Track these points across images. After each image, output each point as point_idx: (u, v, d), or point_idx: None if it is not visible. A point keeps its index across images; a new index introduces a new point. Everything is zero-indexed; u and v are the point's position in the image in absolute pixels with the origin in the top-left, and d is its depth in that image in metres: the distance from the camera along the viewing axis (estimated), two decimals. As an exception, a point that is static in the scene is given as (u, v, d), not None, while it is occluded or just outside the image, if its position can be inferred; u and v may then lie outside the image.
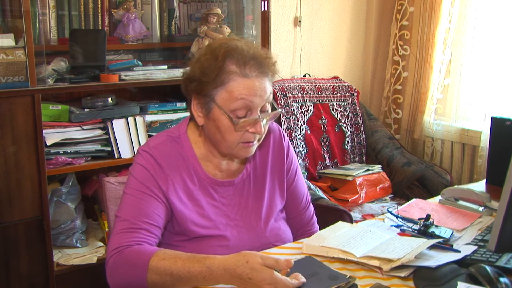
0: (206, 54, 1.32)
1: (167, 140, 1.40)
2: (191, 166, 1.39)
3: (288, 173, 1.54)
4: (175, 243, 1.37)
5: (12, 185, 2.08)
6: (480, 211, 1.65)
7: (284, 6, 3.18)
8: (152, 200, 1.31)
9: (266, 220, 1.45)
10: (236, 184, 1.44)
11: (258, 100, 1.29)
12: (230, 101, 1.28)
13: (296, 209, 1.57)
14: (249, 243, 1.39)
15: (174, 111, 2.54)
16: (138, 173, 1.34)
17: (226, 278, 1.11)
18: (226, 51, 1.29)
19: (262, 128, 1.31)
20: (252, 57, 1.29)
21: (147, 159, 1.35)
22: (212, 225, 1.37)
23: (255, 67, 1.29)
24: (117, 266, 1.21)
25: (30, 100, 2.07)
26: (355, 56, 3.57)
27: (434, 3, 3.11)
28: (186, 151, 1.40)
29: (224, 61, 1.28)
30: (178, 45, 2.81)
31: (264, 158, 1.49)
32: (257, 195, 1.46)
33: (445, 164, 3.17)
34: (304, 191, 1.60)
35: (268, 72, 1.33)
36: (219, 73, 1.28)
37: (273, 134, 1.52)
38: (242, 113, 1.29)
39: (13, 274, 2.13)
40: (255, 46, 1.35)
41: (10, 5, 2.13)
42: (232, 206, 1.42)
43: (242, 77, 1.28)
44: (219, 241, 1.36)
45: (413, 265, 1.22)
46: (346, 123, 3.17)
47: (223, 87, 1.28)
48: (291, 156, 1.55)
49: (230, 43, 1.31)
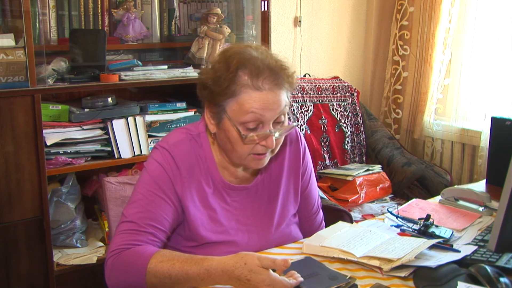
0: (220, 62, 1.26)
1: (186, 138, 1.35)
2: (208, 169, 1.35)
3: (304, 176, 1.49)
4: (183, 248, 1.33)
5: (12, 185, 2.08)
6: (480, 211, 1.65)
7: (284, 6, 3.18)
8: (163, 203, 1.27)
9: (278, 225, 1.42)
10: (250, 188, 1.40)
11: (270, 114, 1.23)
12: (241, 114, 1.22)
13: (308, 213, 1.54)
14: (259, 248, 1.36)
15: (174, 111, 2.53)
16: (153, 170, 1.30)
17: (225, 280, 1.11)
18: (239, 61, 1.22)
19: (273, 142, 1.25)
20: (267, 68, 1.22)
21: (165, 157, 1.30)
22: (223, 230, 1.34)
23: (269, 79, 1.22)
24: (116, 267, 1.20)
25: (30, 100, 2.06)
26: (355, 56, 3.57)
27: (434, 3, 3.11)
28: (204, 152, 1.35)
29: (236, 72, 1.22)
30: (178, 45, 2.81)
31: (280, 161, 1.44)
32: (271, 199, 1.42)
33: (445, 164, 3.17)
34: (316, 195, 1.56)
35: (284, 84, 1.25)
36: (231, 84, 1.22)
37: (290, 136, 1.46)
38: (252, 125, 1.23)
39: (13, 274, 2.13)
40: (272, 55, 1.27)
41: (10, 5, 2.12)
42: (243, 210, 1.38)
43: (254, 89, 1.21)
44: (229, 247, 1.33)
45: (413, 265, 1.22)
46: (346, 123, 3.17)
47: (234, 98, 1.22)
48: (307, 159, 1.51)
49: (245, 52, 1.25)
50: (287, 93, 1.28)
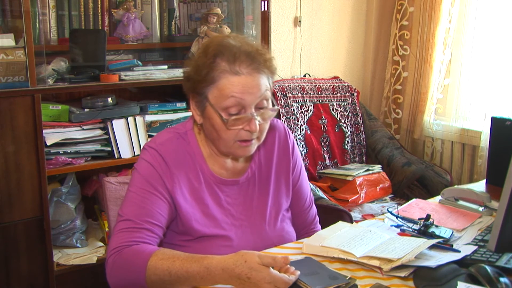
0: (199, 52, 1.32)
1: (174, 136, 1.38)
2: (197, 164, 1.38)
3: (294, 171, 1.52)
4: (178, 242, 1.36)
5: (12, 185, 2.08)
6: (480, 211, 1.65)
7: (284, 6, 3.18)
8: (156, 199, 1.29)
9: (271, 220, 1.44)
10: (241, 183, 1.42)
11: (250, 98, 1.26)
12: (222, 99, 1.26)
13: (300, 208, 1.56)
14: (253, 243, 1.38)
15: (174, 111, 2.53)
16: (143, 170, 1.33)
17: (225, 278, 1.11)
18: (216, 49, 1.27)
19: (256, 126, 1.27)
20: (244, 53, 1.26)
21: (153, 155, 1.33)
22: (217, 224, 1.36)
23: (246, 63, 1.26)
24: (116, 265, 1.21)
25: (30, 100, 2.06)
26: (355, 56, 3.57)
27: (434, 3, 3.11)
28: (192, 148, 1.38)
29: (214, 59, 1.26)
30: (178, 45, 2.81)
31: (269, 156, 1.48)
32: (262, 194, 1.45)
33: (445, 164, 3.17)
34: (308, 190, 1.59)
35: (262, 68, 1.28)
36: (210, 71, 1.27)
37: (278, 132, 1.50)
38: (234, 110, 1.26)
39: (13, 274, 2.13)
40: (249, 42, 1.32)
41: (10, 5, 2.13)
42: (237, 206, 1.41)
43: (232, 74, 1.25)
44: (223, 241, 1.35)
45: (413, 265, 1.22)
46: (346, 123, 3.17)
47: (214, 85, 1.27)
48: (296, 154, 1.53)
49: (223, 41, 1.29)
50: (267, 78, 1.31)
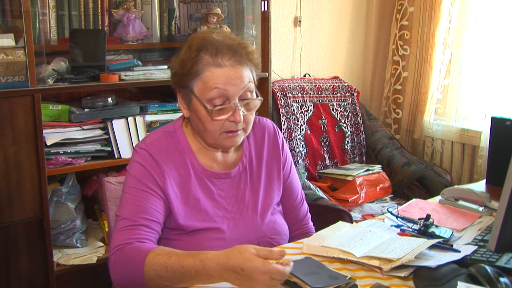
0: (184, 47, 1.37)
1: (163, 135, 1.42)
2: (187, 159, 1.41)
3: (285, 166, 1.56)
4: (172, 236, 1.39)
5: (12, 185, 2.08)
6: (480, 211, 1.65)
7: (284, 6, 3.18)
8: (150, 197, 1.33)
9: (262, 213, 1.46)
10: (232, 176, 1.46)
11: (233, 89, 1.31)
12: (206, 91, 1.31)
13: (292, 203, 1.59)
14: (246, 235, 1.41)
15: (174, 111, 2.53)
16: (135, 170, 1.36)
17: (219, 272, 1.10)
18: (199, 43, 1.32)
19: (240, 116, 1.32)
20: (226, 46, 1.32)
21: (143, 156, 1.37)
22: (209, 218, 1.39)
23: (228, 56, 1.31)
24: (118, 263, 1.24)
25: (30, 100, 2.06)
26: (355, 56, 3.57)
27: (434, 3, 3.11)
28: (181, 145, 1.42)
29: (198, 53, 1.31)
30: (178, 45, 2.77)
31: (259, 151, 1.52)
32: (253, 188, 1.48)
33: (445, 164, 3.17)
34: (299, 187, 1.62)
35: (244, 60, 1.34)
36: (194, 64, 1.31)
37: (268, 130, 1.56)
38: (219, 101, 1.31)
39: (13, 274, 2.13)
40: (232, 36, 1.38)
41: (10, 5, 2.12)
42: (229, 199, 1.43)
43: (215, 67, 1.30)
44: (215, 233, 1.38)
45: (413, 265, 1.22)
46: (346, 123, 3.17)
47: (198, 77, 1.32)
48: (286, 151, 1.58)
49: (206, 36, 1.35)
50: (251, 71, 1.36)
